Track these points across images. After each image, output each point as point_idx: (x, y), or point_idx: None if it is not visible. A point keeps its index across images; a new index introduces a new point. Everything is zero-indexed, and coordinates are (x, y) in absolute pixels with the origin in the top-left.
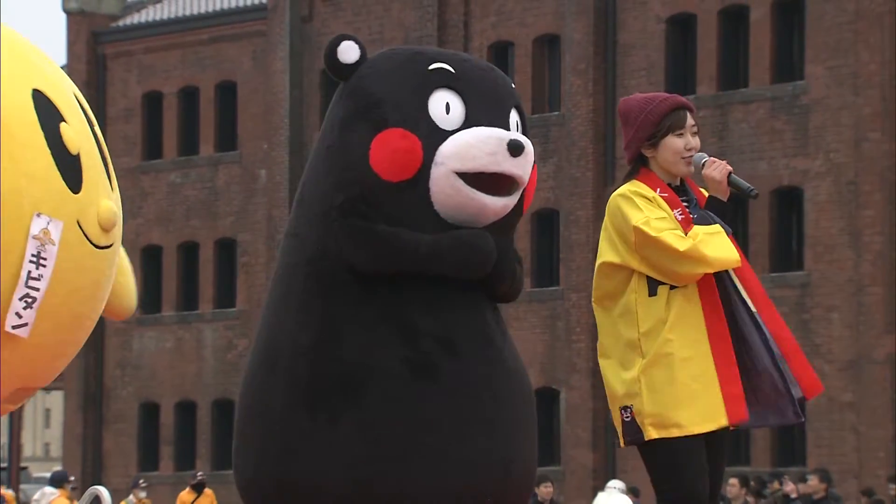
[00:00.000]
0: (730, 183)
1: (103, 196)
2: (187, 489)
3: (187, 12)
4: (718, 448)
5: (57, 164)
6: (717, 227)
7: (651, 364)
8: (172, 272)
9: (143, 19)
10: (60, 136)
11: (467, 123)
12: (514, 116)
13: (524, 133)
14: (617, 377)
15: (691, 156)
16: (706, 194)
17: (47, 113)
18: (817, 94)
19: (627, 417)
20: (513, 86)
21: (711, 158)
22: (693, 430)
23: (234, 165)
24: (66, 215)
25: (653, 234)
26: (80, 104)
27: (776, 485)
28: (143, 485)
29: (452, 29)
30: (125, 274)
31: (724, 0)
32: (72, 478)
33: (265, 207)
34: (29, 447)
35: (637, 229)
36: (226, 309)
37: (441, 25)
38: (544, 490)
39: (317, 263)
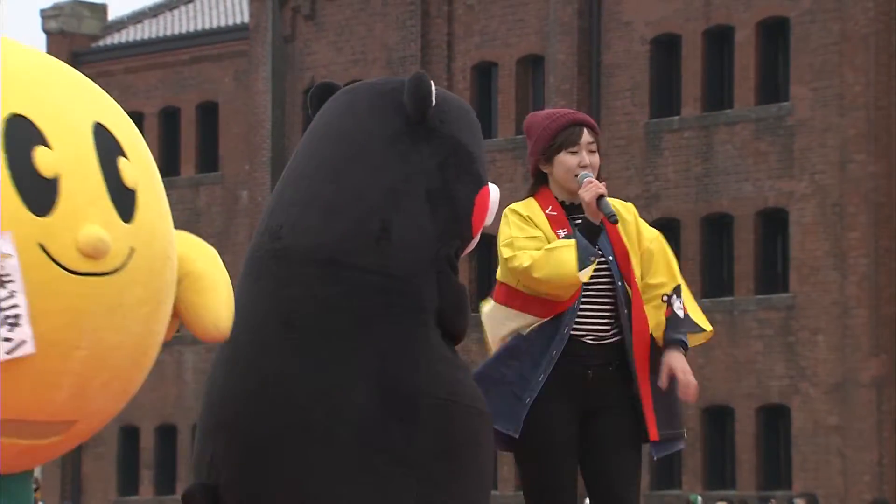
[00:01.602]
0: (599, 206)
1: (91, 221)
2: None
3: (168, 32)
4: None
5: (17, 186)
6: (567, 242)
7: None
8: None
9: (123, 39)
10: (31, 160)
11: None
12: None
13: None
14: None
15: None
16: (627, 215)
17: (22, 137)
18: (802, 115)
19: None
20: None
21: (590, 179)
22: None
23: (216, 186)
24: (22, 236)
25: (506, 253)
26: (111, 131)
27: None
28: None
29: (436, 49)
30: (203, 294)
31: (708, 20)
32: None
33: (247, 229)
34: None
35: (500, 248)
36: None
37: (424, 46)
38: None
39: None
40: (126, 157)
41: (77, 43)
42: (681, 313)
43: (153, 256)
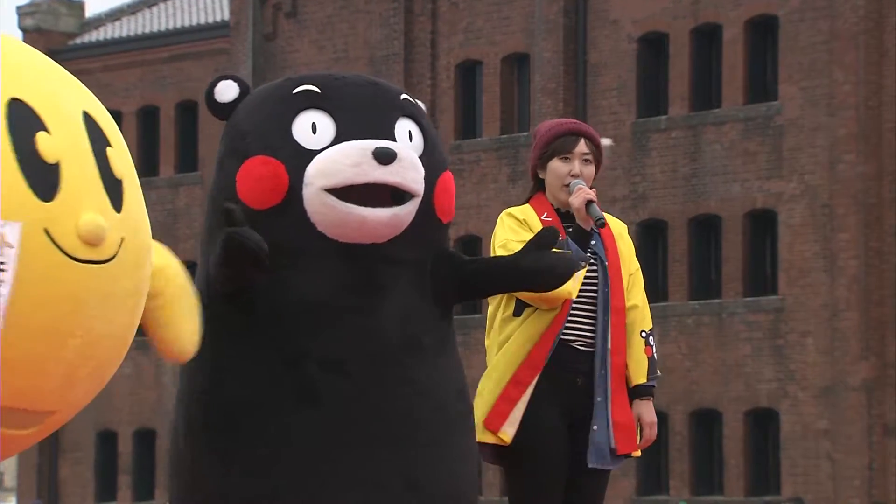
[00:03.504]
0: (588, 210)
1: (90, 209)
2: None
3: (147, 30)
4: (588, 485)
5: (23, 171)
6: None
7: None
8: None
9: (101, 37)
10: (34, 145)
11: (338, 140)
12: (403, 126)
13: (426, 143)
14: None
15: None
16: (618, 230)
17: (24, 121)
18: (791, 114)
19: None
20: (403, 97)
21: (580, 186)
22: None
23: (196, 187)
24: (29, 222)
25: (501, 255)
26: (97, 121)
27: None
28: None
29: (419, 48)
30: (183, 317)
31: (696, 19)
32: None
33: None
34: None
35: (495, 250)
36: None
37: (408, 44)
38: None
39: (205, 300)
40: (112, 147)
41: (54, 41)
42: (654, 355)
43: (139, 247)
